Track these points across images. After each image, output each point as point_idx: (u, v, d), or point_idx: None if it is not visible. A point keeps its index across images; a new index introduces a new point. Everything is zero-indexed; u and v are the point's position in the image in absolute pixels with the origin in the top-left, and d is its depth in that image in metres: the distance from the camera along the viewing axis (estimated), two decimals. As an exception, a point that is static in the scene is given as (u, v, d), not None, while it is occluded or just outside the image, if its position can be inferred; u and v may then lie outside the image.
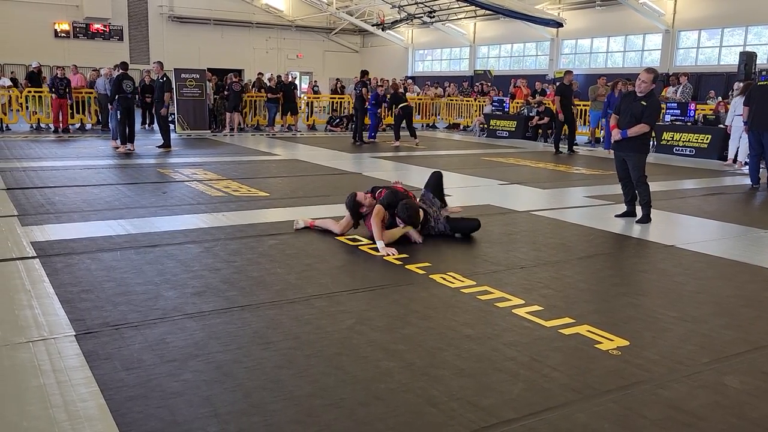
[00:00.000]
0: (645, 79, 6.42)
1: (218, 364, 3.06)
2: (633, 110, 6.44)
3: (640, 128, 6.38)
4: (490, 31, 31.22)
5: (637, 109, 6.40)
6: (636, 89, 6.55)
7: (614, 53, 26.50)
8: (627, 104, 6.57)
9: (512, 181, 9.57)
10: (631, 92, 6.71)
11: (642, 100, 6.40)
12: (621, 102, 6.81)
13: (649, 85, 6.41)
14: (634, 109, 6.43)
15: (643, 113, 6.36)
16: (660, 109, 6.80)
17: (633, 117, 6.42)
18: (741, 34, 22.31)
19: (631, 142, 6.49)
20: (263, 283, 4.35)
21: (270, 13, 35.63)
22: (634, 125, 6.41)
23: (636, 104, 6.43)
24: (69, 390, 2.78)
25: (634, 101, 6.47)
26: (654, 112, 6.45)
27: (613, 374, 3.07)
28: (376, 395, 2.81)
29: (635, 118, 6.40)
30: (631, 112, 6.45)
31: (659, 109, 6.67)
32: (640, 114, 6.37)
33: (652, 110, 6.40)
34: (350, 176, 9.70)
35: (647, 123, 6.38)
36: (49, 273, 4.41)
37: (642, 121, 6.37)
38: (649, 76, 6.40)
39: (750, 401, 2.85)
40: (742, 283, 4.69)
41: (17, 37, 28.46)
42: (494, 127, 18.08)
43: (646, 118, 6.37)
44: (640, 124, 6.37)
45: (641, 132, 6.40)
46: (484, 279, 4.55)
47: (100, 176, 8.99)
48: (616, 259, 5.36)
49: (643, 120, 6.37)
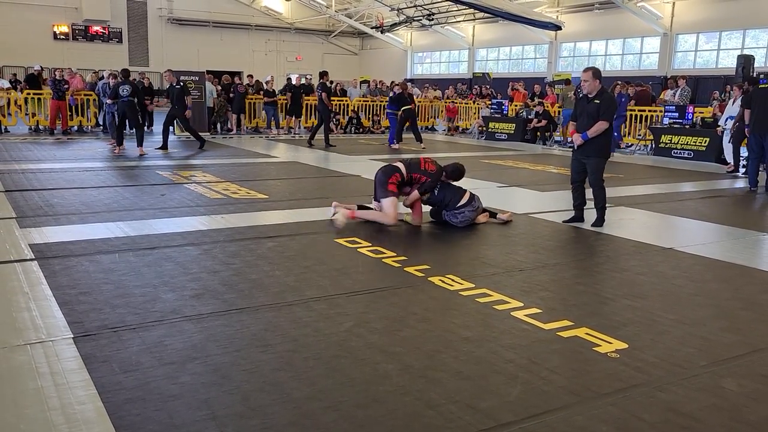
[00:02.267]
0: (585, 78, 6.36)
1: (216, 367, 3.06)
2: (588, 111, 6.38)
3: (598, 126, 6.29)
4: (489, 34, 31.29)
5: (592, 108, 6.33)
6: (584, 91, 6.49)
7: (613, 56, 26.57)
8: (581, 107, 6.52)
9: (511, 183, 9.58)
10: (582, 96, 6.62)
11: (595, 99, 6.35)
12: (575, 107, 6.78)
13: (592, 83, 6.34)
14: (589, 110, 6.37)
15: (599, 111, 6.30)
16: (615, 105, 6.72)
17: (590, 117, 6.35)
18: (739, 37, 22.37)
19: (593, 146, 6.40)
20: (262, 285, 4.35)
21: (269, 16, 35.69)
22: (592, 126, 6.35)
23: (590, 105, 6.36)
24: (67, 393, 2.78)
25: (588, 103, 6.41)
26: (609, 107, 6.34)
27: (612, 377, 3.07)
28: (375, 398, 2.81)
29: (592, 119, 6.33)
30: (587, 113, 6.39)
31: (614, 104, 6.59)
32: (596, 113, 6.30)
33: (606, 106, 6.31)
34: (349, 179, 9.70)
35: (604, 119, 6.28)
36: (47, 275, 4.41)
37: (599, 119, 6.28)
38: (588, 74, 6.34)
39: (748, 404, 2.85)
40: (741, 285, 4.70)
41: (16, 40, 28.49)
42: (493, 129, 18.10)
43: (602, 115, 6.28)
44: (598, 122, 6.29)
45: (601, 130, 6.29)
46: (483, 281, 4.55)
47: (98, 178, 8.99)
48: (614, 262, 5.36)
49: (600, 117, 6.28)
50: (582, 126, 6.45)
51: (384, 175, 6.30)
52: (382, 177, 6.31)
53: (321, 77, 15.06)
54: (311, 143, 14.85)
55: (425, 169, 6.38)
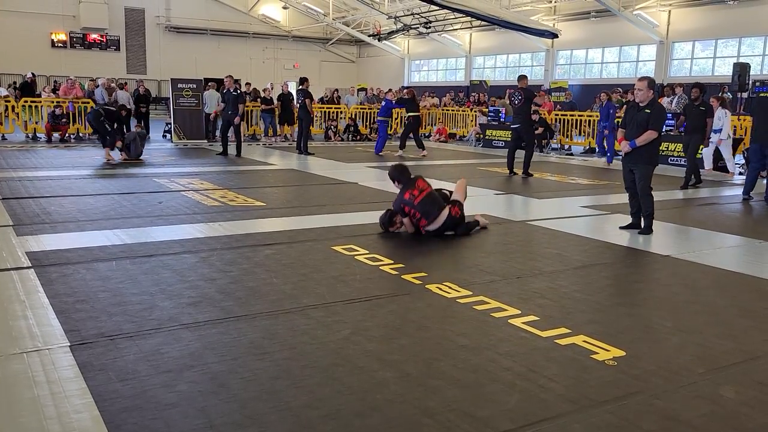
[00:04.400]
0: (640, 87, 6.46)
1: (213, 375, 3.05)
2: (638, 120, 6.48)
3: (647, 135, 6.40)
4: (486, 42, 31.39)
5: (642, 117, 6.43)
6: (636, 99, 6.59)
7: (609, 64, 26.66)
8: (631, 115, 6.62)
9: (508, 191, 9.59)
10: (633, 103, 6.73)
11: (646, 108, 6.44)
12: (625, 114, 6.86)
13: (646, 93, 6.44)
14: (639, 119, 6.47)
15: (648, 120, 6.40)
16: (665, 115, 6.83)
17: (639, 126, 6.45)
18: (734, 45, 22.48)
19: (640, 153, 6.50)
20: (259, 293, 4.34)
21: (267, 24, 35.78)
22: (641, 134, 6.44)
23: (640, 114, 6.47)
24: (63, 401, 2.77)
25: (638, 111, 6.51)
26: (659, 118, 6.48)
27: (609, 385, 3.07)
28: (372, 406, 2.80)
29: (641, 127, 6.43)
30: (637, 122, 6.49)
31: (664, 114, 6.72)
32: (645, 122, 6.40)
33: (656, 116, 6.43)
34: (347, 186, 9.70)
35: (654, 129, 6.39)
36: (44, 283, 4.40)
37: (648, 128, 6.39)
38: (643, 83, 6.45)
39: (746, 412, 2.85)
40: (738, 293, 4.70)
41: (14, 47, 28.49)
42: (490, 137, 18.13)
43: (652, 124, 6.39)
44: (647, 131, 6.39)
45: (649, 139, 6.41)
46: (480, 289, 4.55)
47: (95, 186, 8.98)
48: (611, 269, 5.37)
49: (649, 127, 6.39)
50: (631, 134, 6.55)
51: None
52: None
53: (301, 83, 15.11)
54: (300, 150, 14.85)
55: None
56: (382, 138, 15.41)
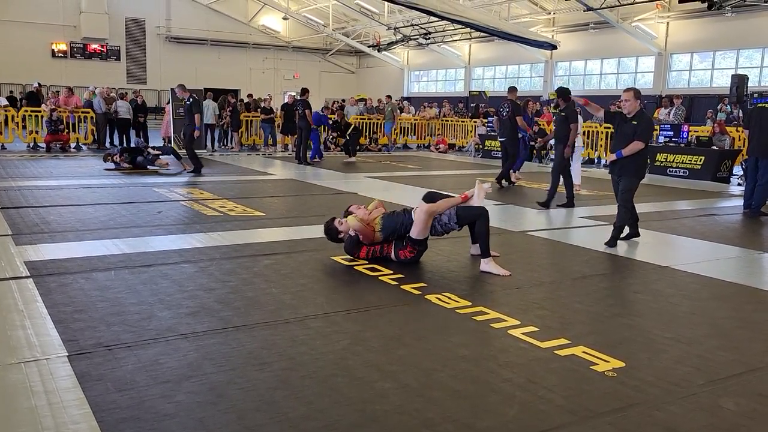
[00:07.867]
0: (627, 97, 6.42)
1: (212, 386, 3.04)
2: (624, 131, 6.46)
3: (633, 146, 6.36)
4: (485, 53, 31.54)
5: (629, 129, 6.41)
6: (623, 110, 6.57)
7: (608, 75, 26.79)
8: (618, 126, 6.61)
9: (507, 201, 9.60)
10: (620, 113, 6.69)
11: (633, 120, 6.42)
12: (612, 125, 6.85)
13: (633, 103, 6.40)
14: (626, 130, 6.45)
15: (635, 132, 6.38)
16: (652, 126, 6.78)
17: (626, 137, 6.43)
18: (732, 57, 22.60)
19: (627, 165, 6.46)
20: (258, 303, 4.33)
21: (267, 34, 35.95)
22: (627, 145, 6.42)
23: (627, 125, 6.45)
24: (61, 412, 2.75)
25: (625, 122, 6.49)
26: (646, 129, 6.45)
27: (609, 396, 3.06)
28: (372, 417, 2.79)
29: (628, 138, 6.40)
30: (624, 133, 6.47)
31: (652, 125, 6.65)
32: (632, 133, 6.38)
33: (643, 128, 6.40)
34: (345, 196, 9.70)
35: (640, 140, 6.36)
36: (43, 293, 4.39)
37: (635, 139, 6.34)
38: (629, 93, 6.41)
39: (746, 423, 2.84)
40: (737, 304, 4.70)
41: (15, 57, 28.60)
42: (489, 147, 18.16)
43: (638, 135, 6.36)
44: (633, 141, 6.36)
45: (635, 150, 6.36)
46: (480, 299, 4.54)
47: (95, 195, 8.98)
48: (610, 280, 5.37)
49: (635, 138, 6.35)
50: (617, 145, 6.52)
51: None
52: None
53: (302, 94, 15.26)
54: (300, 161, 14.92)
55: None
56: (315, 145, 16.03)
